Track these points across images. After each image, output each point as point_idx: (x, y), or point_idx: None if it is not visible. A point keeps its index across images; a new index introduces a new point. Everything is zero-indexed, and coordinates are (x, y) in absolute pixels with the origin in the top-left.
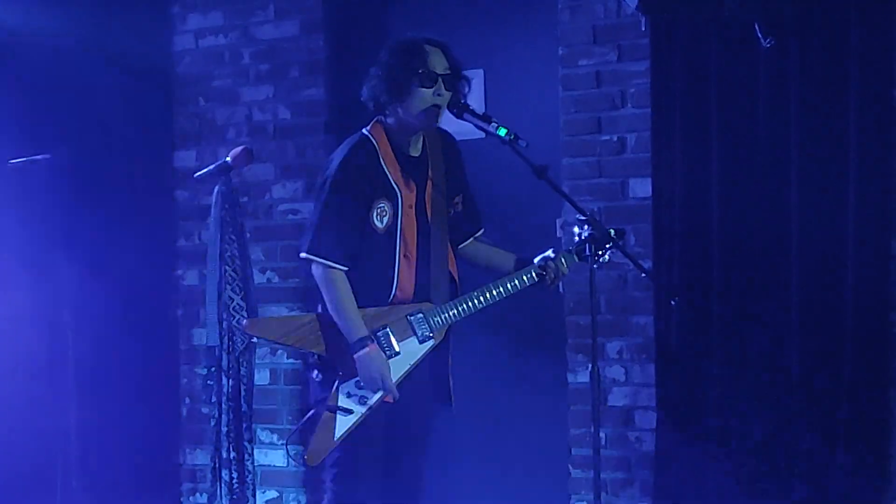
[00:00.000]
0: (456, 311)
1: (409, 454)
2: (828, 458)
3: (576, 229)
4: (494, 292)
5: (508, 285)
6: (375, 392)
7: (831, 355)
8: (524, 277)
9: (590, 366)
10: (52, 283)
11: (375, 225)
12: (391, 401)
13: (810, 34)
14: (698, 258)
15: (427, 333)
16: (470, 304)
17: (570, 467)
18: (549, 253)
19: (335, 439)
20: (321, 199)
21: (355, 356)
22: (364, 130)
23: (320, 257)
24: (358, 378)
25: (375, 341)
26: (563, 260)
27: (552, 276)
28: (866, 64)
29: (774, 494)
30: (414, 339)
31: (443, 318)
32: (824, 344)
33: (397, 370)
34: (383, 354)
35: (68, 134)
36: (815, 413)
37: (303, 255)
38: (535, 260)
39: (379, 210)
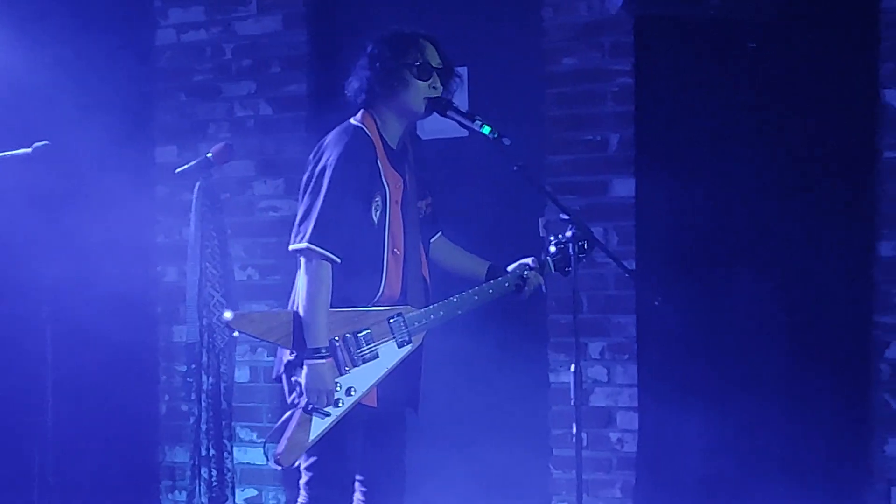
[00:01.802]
0: (435, 317)
1: (389, 457)
2: (810, 459)
3: (551, 238)
4: (476, 298)
5: (490, 291)
6: (318, 405)
7: (815, 356)
8: (505, 285)
9: (571, 366)
10: (30, 280)
11: (372, 219)
12: (374, 404)
13: (795, 35)
14: (681, 258)
15: (405, 338)
16: (450, 310)
17: (552, 468)
18: (529, 261)
19: (309, 440)
20: (321, 189)
21: (307, 363)
22: (355, 122)
23: (323, 248)
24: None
25: (353, 346)
26: (540, 272)
27: (532, 287)
28: (851, 65)
29: (756, 495)
30: (393, 343)
31: (422, 322)
32: (808, 344)
33: (375, 373)
34: (334, 371)
35: (48, 129)
36: (798, 414)
37: (303, 245)
38: (510, 267)
39: (375, 204)
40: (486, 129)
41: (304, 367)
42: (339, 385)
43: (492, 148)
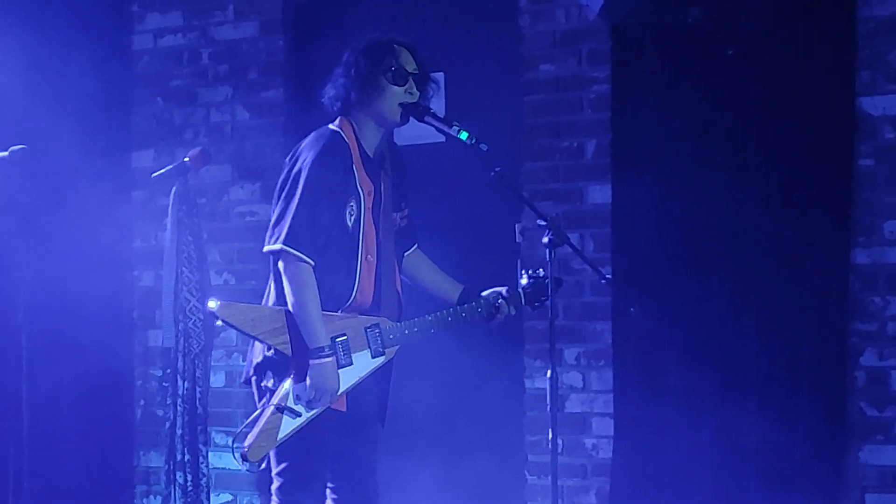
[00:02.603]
0: (410, 332)
1: (360, 461)
2: (786, 466)
3: (523, 272)
4: (449, 320)
5: (463, 315)
6: (319, 404)
7: (790, 364)
8: (478, 311)
9: (547, 372)
10: (6, 284)
11: (346, 224)
12: (342, 409)
13: (772, 43)
14: (657, 265)
15: (380, 349)
16: (424, 328)
17: (527, 474)
18: (503, 290)
19: (278, 439)
20: (297, 192)
21: (312, 362)
22: (333, 127)
23: (298, 250)
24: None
25: (333, 351)
26: (511, 303)
27: (503, 316)
28: (828, 73)
29: (732, 502)
30: (367, 353)
31: (397, 336)
32: (783, 353)
33: (346, 380)
34: (337, 370)
35: (24, 133)
36: (774, 421)
37: (277, 246)
38: (484, 293)
39: (350, 209)
40: (464, 135)
41: (309, 367)
42: None
43: (469, 154)
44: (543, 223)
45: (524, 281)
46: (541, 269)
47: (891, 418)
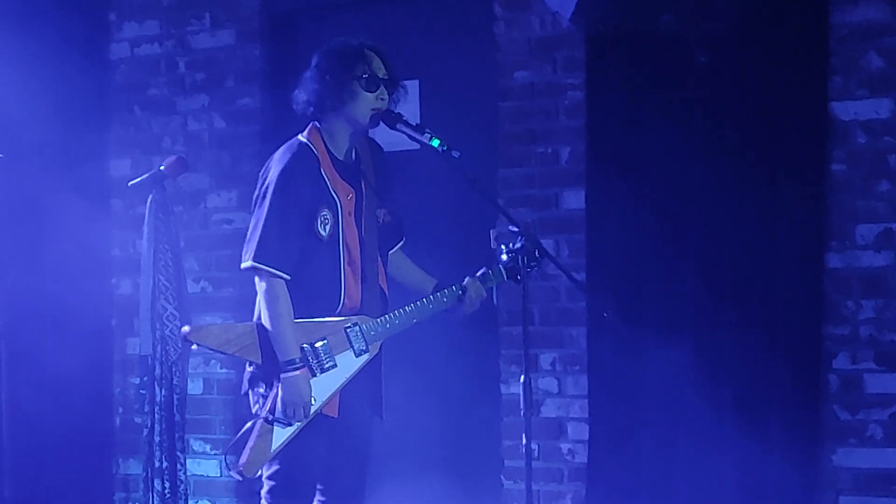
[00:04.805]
0: (391, 325)
1: (350, 466)
2: (761, 470)
3: (503, 247)
4: (430, 307)
5: (444, 300)
6: (294, 419)
7: (764, 367)
8: (460, 294)
9: (522, 377)
10: None
11: (320, 233)
12: (334, 415)
13: (745, 49)
14: (631, 270)
15: (363, 347)
16: (405, 319)
17: (503, 479)
18: (479, 273)
19: (271, 451)
20: (264, 207)
21: (283, 376)
22: (301, 137)
23: (268, 266)
24: None
25: (312, 357)
26: (479, 283)
27: (474, 294)
28: (800, 79)
29: None
30: (350, 352)
31: (378, 331)
32: (758, 356)
33: (333, 383)
34: (309, 381)
35: (2, 141)
36: (748, 425)
37: (248, 264)
38: (465, 281)
39: (322, 218)
40: (436, 142)
41: (280, 381)
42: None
43: (442, 161)
44: (516, 230)
45: (504, 257)
46: (518, 244)
47: (864, 421)
